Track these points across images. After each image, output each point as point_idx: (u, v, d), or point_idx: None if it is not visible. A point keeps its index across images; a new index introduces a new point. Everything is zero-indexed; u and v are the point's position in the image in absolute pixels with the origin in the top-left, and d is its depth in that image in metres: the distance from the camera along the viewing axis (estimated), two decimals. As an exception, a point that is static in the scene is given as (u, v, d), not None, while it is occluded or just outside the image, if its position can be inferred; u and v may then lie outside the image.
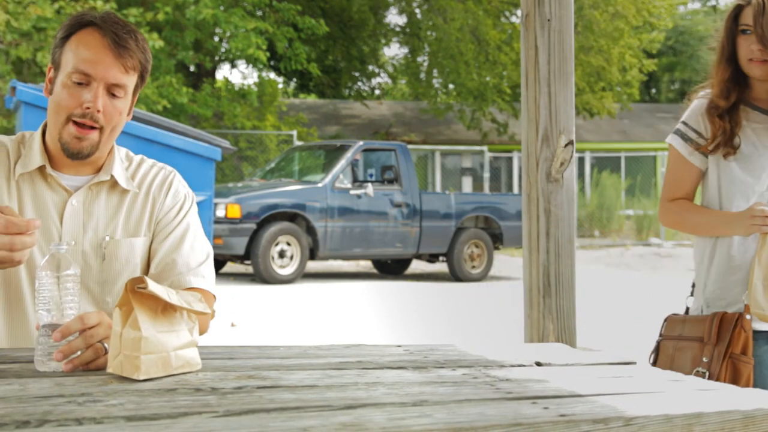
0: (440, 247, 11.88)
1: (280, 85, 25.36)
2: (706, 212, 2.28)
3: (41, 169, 1.80)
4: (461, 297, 10.07)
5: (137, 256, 1.85)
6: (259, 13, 17.52)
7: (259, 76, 18.69)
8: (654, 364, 2.37)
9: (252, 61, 17.15)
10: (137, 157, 1.93)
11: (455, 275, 11.89)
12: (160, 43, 13.79)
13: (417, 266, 13.63)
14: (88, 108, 1.72)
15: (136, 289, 1.37)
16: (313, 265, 12.82)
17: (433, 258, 12.32)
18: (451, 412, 1.14)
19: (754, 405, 1.24)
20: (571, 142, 2.29)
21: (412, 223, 11.57)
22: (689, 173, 2.31)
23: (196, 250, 1.88)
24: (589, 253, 15.95)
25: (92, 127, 1.74)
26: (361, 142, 11.89)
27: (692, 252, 2.43)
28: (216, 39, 17.48)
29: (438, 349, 1.72)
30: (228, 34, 16.23)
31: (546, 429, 1.10)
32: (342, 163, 11.33)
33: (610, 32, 19.87)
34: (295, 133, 17.45)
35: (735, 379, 2.16)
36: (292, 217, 10.93)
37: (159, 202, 1.89)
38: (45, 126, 1.83)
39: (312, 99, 28.59)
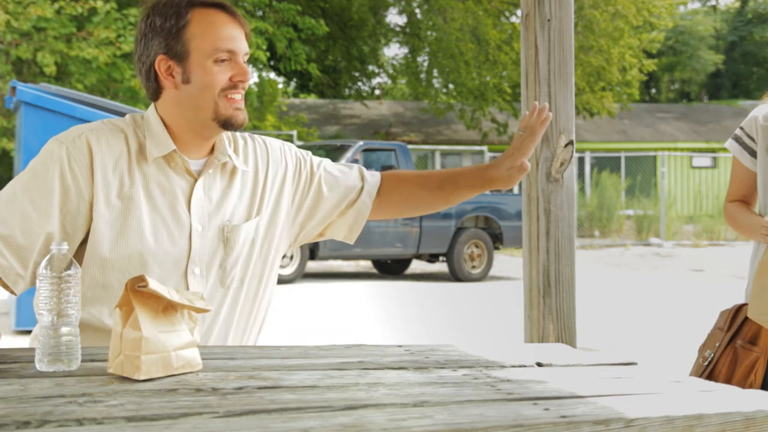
0: (440, 247, 11.87)
1: (280, 85, 25.36)
2: (747, 215, 2.38)
3: (167, 154, 1.79)
4: (461, 297, 10.07)
5: (251, 238, 1.85)
6: (259, 13, 17.52)
7: (259, 76, 18.70)
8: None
9: (252, 61, 17.15)
10: (228, 134, 1.92)
11: (455, 275, 11.89)
12: (160, 43, 13.79)
13: (417, 266, 13.63)
14: (241, 80, 1.76)
15: (136, 288, 1.36)
16: (313, 265, 12.82)
17: (433, 258, 12.32)
18: (451, 413, 1.14)
19: (755, 406, 1.24)
20: (571, 142, 2.29)
21: (412, 223, 11.57)
22: (744, 176, 2.41)
23: (345, 167, 2.02)
24: (589, 253, 15.95)
25: (241, 97, 1.80)
26: (361, 142, 11.89)
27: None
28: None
29: (439, 350, 1.72)
30: (228, 34, 16.20)
31: (547, 430, 1.10)
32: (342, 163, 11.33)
33: (610, 32, 19.87)
34: (295, 133, 17.45)
35: (734, 366, 2.22)
36: (292, 217, 10.92)
37: (272, 175, 1.92)
38: (158, 111, 1.81)
39: (312, 99, 28.59)
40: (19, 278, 1.70)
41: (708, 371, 2.28)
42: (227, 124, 1.78)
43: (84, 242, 1.76)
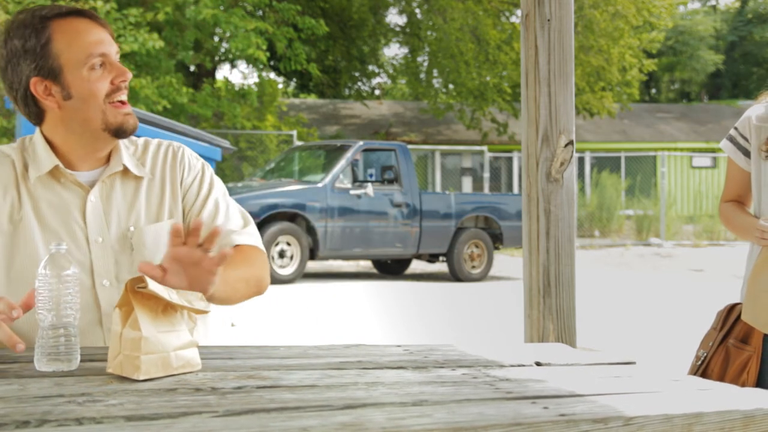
0: (440, 247, 11.87)
1: (280, 85, 25.36)
2: (741, 216, 2.38)
3: (53, 172, 1.77)
4: (461, 297, 10.07)
5: (165, 241, 1.80)
6: (259, 13, 17.53)
7: (259, 76, 18.69)
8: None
9: (252, 61, 17.17)
10: (141, 140, 1.90)
11: (455, 275, 11.88)
12: (160, 43, 13.79)
13: (417, 266, 13.62)
14: (123, 80, 1.73)
15: (136, 288, 1.37)
16: (313, 265, 12.82)
17: (433, 258, 12.32)
18: (450, 412, 1.14)
19: (754, 405, 1.24)
20: (571, 142, 2.29)
21: (412, 223, 11.57)
22: (739, 176, 2.41)
23: (233, 214, 1.88)
24: (589, 253, 15.95)
25: (126, 101, 1.76)
26: (361, 142, 11.89)
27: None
28: (216, 39, 17.48)
29: (438, 349, 1.72)
30: (228, 34, 16.23)
31: (546, 429, 1.10)
32: (342, 163, 11.33)
33: (610, 32, 19.87)
34: (295, 133, 17.45)
35: (726, 365, 2.24)
36: (292, 217, 10.93)
37: (177, 180, 1.86)
38: (43, 131, 1.79)
39: (312, 99, 28.60)
40: None
41: (701, 370, 2.30)
42: (119, 132, 1.76)
43: None
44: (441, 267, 13.14)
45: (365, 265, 13.83)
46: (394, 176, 11.53)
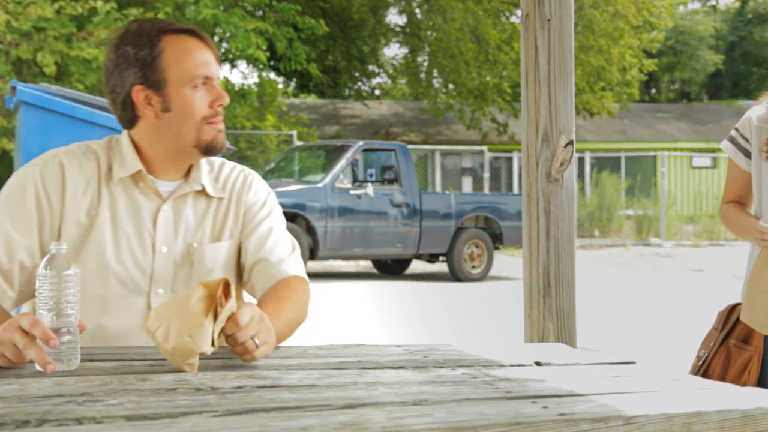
0: (440, 247, 11.87)
1: (280, 85, 25.36)
2: (742, 217, 2.38)
3: (134, 175, 1.81)
4: (461, 297, 10.07)
5: (222, 261, 1.86)
6: (259, 13, 17.52)
7: (259, 76, 18.70)
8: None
9: (252, 61, 17.16)
10: (218, 161, 1.95)
11: (455, 275, 11.88)
12: (160, 43, 13.78)
13: (417, 266, 13.62)
14: (220, 105, 1.78)
15: (222, 292, 1.45)
16: (313, 265, 12.81)
17: (433, 258, 12.32)
18: (450, 412, 1.14)
19: (754, 404, 1.24)
20: (571, 142, 2.29)
21: (412, 223, 11.57)
22: (739, 177, 2.41)
23: (282, 243, 1.90)
24: (589, 253, 15.95)
25: (221, 118, 1.81)
26: (361, 142, 11.89)
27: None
28: (216, 39, 17.47)
29: (438, 349, 1.72)
30: (228, 34, 16.23)
31: (545, 428, 1.10)
32: (342, 163, 11.33)
33: (610, 32, 19.87)
34: (295, 133, 17.45)
35: (727, 365, 2.24)
36: (292, 217, 10.93)
37: (242, 203, 1.91)
38: (131, 135, 1.83)
39: (312, 99, 28.60)
40: (7, 298, 1.73)
41: (702, 370, 2.30)
42: (208, 150, 1.80)
43: None
44: (441, 267, 13.14)
45: (365, 265, 13.83)
46: (394, 176, 11.53)
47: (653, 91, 37.57)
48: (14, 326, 1.37)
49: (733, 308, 2.35)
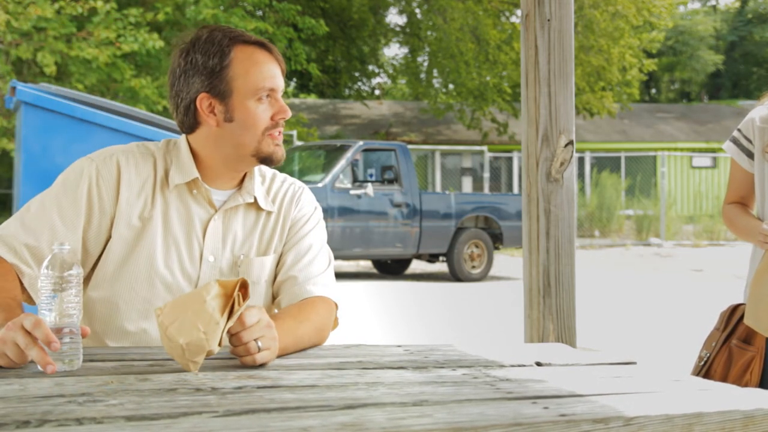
0: (440, 247, 11.87)
1: (280, 85, 25.30)
2: (745, 218, 2.37)
3: (189, 182, 1.81)
4: (461, 297, 10.07)
5: (267, 274, 1.86)
6: (259, 13, 17.52)
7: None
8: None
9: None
10: (269, 173, 1.94)
11: (455, 275, 11.88)
12: (160, 43, 13.77)
13: (417, 266, 13.63)
14: (282, 118, 1.77)
15: (239, 291, 1.45)
16: (313, 265, 12.78)
17: (433, 258, 12.32)
18: (451, 412, 1.14)
19: (754, 405, 1.24)
20: (571, 142, 2.29)
21: (412, 223, 11.57)
22: (742, 178, 2.40)
23: (317, 262, 1.88)
24: (589, 253, 15.95)
25: (281, 133, 1.81)
26: (361, 142, 11.89)
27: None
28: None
29: (438, 349, 1.72)
30: (228, 34, 16.19)
31: (546, 429, 1.10)
32: (342, 163, 11.33)
33: (610, 32, 19.87)
34: (295, 133, 17.45)
35: (729, 365, 2.23)
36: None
37: (289, 218, 1.90)
38: (189, 141, 1.83)
39: (312, 99, 28.60)
40: (32, 277, 1.72)
41: (704, 371, 2.29)
42: (266, 160, 1.80)
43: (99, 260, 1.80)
44: (441, 267, 13.14)
45: (365, 265, 13.83)
46: (394, 176, 11.53)
47: (653, 91, 37.57)
48: (17, 326, 1.37)
49: (735, 308, 2.34)
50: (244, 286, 1.47)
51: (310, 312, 1.77)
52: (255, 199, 1.85)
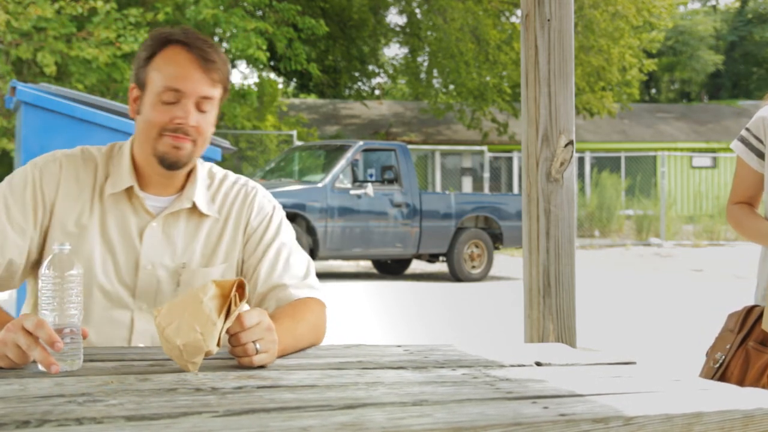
0: (440, 247, 11.87)
1: (280, 86, 25.36)
2: (754, 220, 2.33)
3: (127, 189, 1.79)
4: (461, 297, 10.07)
5: None
6: (259, 13, 17.52)
7: (259, 77, 18.70)
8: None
9: (252, 61, 17.16)
10: (220, 174, 1.89)
11: (455, 275, 11.88)
12: (160, 43, 13.77)
13: (417, 266, 13.62)
14: (180, 123, 1.72)
15: (236, 291, 1.46)
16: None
17: (433, 258, 12.32)
18: (451, 412, 1.14)
19: (754, 404, 1.24)
20: (571, 142, 2.29)
21: (412, 223, 11.56)
22: (750, 178, 2.36)
23: (294, 264, 1.84)
24: (589, 253, 15.95)
25: (186, 137, 1.74)
26: (361, 142, 11.88)
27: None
28: (216, 39, 17.47)
29: (438, 349, 1.72)
30: (228, 34, 16.23)
31: (546, 428, 1.10)
32: (342, 163, 11.33)
33: (610, 32, 19.87)
34: (295, 133, 17.45)
35: (746, 368, 2.19)
36: (292, 217, 10.92)
37: (242, 223, 1.85)
38: (132, 141, 1.82)
39: (312, 99, 28.59)
40: None
41: (720, 373, 2.25)
42: (162, 161, 1.75)
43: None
44: (441, 267, 13.14)
45: (365, 265, 13.83)
46: (394, 176, 11.53)
47: (653, 91, 37.57)
48: (17, 327, 1.37)
49: (750, 310, 2.28)
50: (241, 287, 1.47)
51: (306, 311, 1.76)
52: (194, 204, 1.81)
